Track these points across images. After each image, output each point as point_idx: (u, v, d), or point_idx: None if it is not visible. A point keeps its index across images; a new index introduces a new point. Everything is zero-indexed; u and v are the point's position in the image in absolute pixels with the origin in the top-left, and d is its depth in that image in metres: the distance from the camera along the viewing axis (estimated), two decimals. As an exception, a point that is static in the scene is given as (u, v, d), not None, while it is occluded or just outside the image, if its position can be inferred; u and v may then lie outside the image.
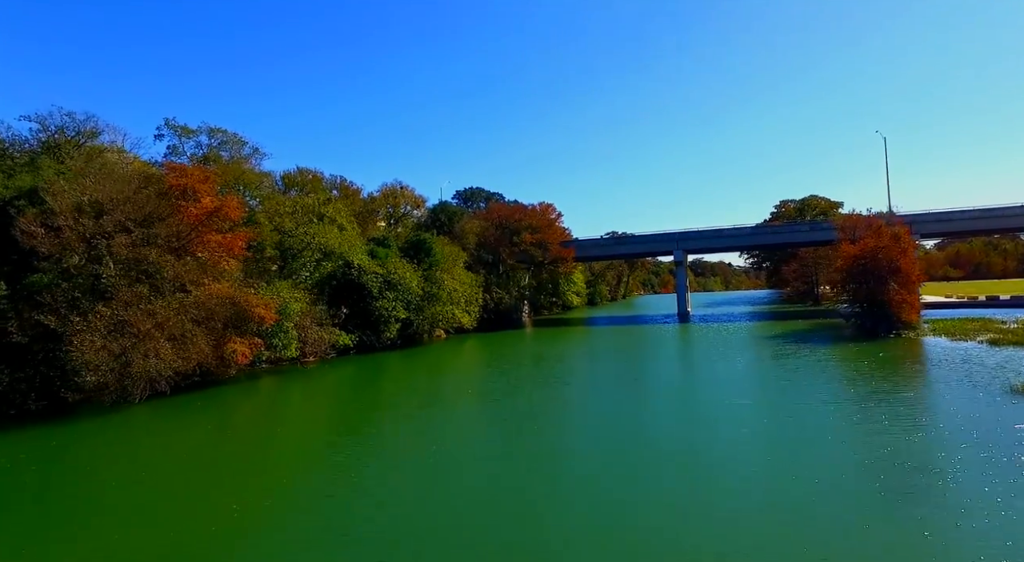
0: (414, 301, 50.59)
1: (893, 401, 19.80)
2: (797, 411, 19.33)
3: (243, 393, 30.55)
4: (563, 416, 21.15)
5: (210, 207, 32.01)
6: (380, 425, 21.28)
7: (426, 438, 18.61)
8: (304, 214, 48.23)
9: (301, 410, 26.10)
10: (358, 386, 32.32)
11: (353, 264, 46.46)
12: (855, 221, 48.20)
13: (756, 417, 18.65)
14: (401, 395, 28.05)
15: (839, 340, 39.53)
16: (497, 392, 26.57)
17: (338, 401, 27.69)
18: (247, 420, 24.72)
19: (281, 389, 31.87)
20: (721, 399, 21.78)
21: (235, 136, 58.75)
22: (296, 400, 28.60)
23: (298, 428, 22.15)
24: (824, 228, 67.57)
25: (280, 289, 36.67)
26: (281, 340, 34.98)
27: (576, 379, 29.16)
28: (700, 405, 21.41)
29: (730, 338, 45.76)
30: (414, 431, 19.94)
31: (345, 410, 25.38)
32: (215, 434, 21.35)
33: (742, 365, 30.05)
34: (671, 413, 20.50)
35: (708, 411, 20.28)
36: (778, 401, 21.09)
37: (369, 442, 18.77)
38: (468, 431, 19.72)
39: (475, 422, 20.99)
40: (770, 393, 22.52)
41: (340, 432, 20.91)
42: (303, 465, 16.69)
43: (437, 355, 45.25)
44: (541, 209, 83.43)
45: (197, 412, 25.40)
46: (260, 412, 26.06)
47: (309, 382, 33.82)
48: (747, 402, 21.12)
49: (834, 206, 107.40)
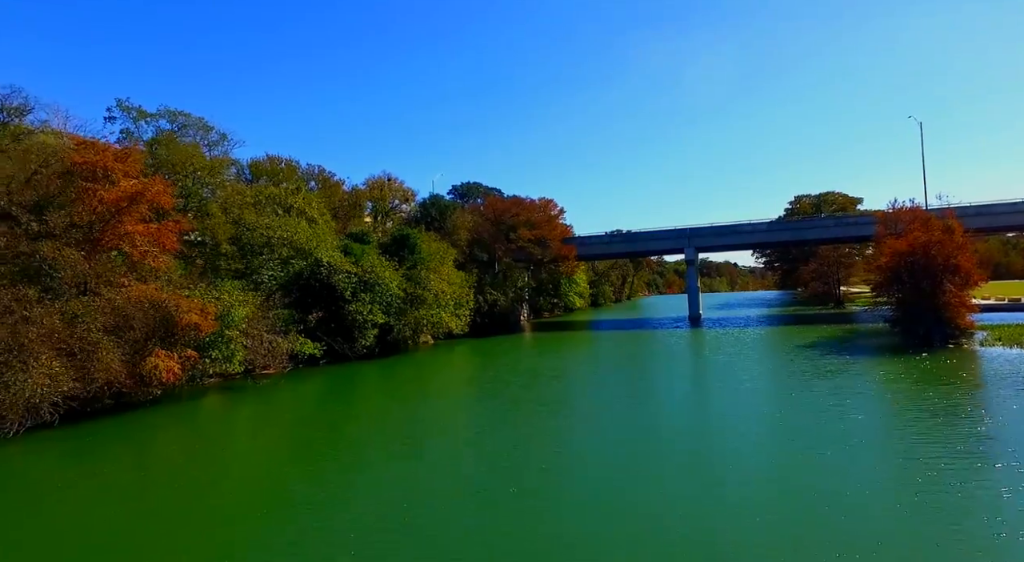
0: (394, 304, 44.69)
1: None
2: (898, 487, 13.29)
3: (167, 419, 24.67)
4: (556, 472, 15.17)
5: (129, 191, 26.15)
6: (318, 478, 15.32)
7: (387, 493, 12.92)
8: (268, 205, 42.46)
9: (225, 448, 20.18)
10: (309, 413, 26.38)
11: (322, 262, 40.57)
12: (899, 214, 42.03)
13: (832, 496, 12.47)
14: (361, 424, 22.12)
15: (889, 351, 33.42)
16: (478, 424, 20.67)
17: (276, 436, 21.72)
18: (156, 458, 18.80)
19: (217, 414, 26.00)
20: (770, 456, 15.72)
21: (200, 120, 53.13)
22: (223, 432, 22.68)
23: (211, 476, 16.24)
24: (851, 223, 61.47)
25: (223, 291, 30.77)
26: (221, 352, 29.10)
27: (576, 406, 23.17)
28: (743, 468, 15.32)
29: (754, 348, 39.71)
30: (370, 482, 14.26)
31: (276, 452, 19.44)
32: (93, 483, 15.45)
33: (783, 390, 23.92)
34: (703, 483, 14.32)
35: (757, 484, 14.25)
36: (858, 460, 14.99)
37: (300, 504, 12.85)
38: (432, 489, 13.78)
39: (443, 475, 15.02)
40: (837, 444, 16.31)
41: (265, 489, 15.01)
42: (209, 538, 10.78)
43: (418, 367, 39.31)
44: (541, 204, 77.45)
45: (87, 450, 19.49)
46: (176, 448, 20.17)
47: (256, 403, 27.96)
48: (809, 458, 15.11)
49: (853, 202, 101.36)
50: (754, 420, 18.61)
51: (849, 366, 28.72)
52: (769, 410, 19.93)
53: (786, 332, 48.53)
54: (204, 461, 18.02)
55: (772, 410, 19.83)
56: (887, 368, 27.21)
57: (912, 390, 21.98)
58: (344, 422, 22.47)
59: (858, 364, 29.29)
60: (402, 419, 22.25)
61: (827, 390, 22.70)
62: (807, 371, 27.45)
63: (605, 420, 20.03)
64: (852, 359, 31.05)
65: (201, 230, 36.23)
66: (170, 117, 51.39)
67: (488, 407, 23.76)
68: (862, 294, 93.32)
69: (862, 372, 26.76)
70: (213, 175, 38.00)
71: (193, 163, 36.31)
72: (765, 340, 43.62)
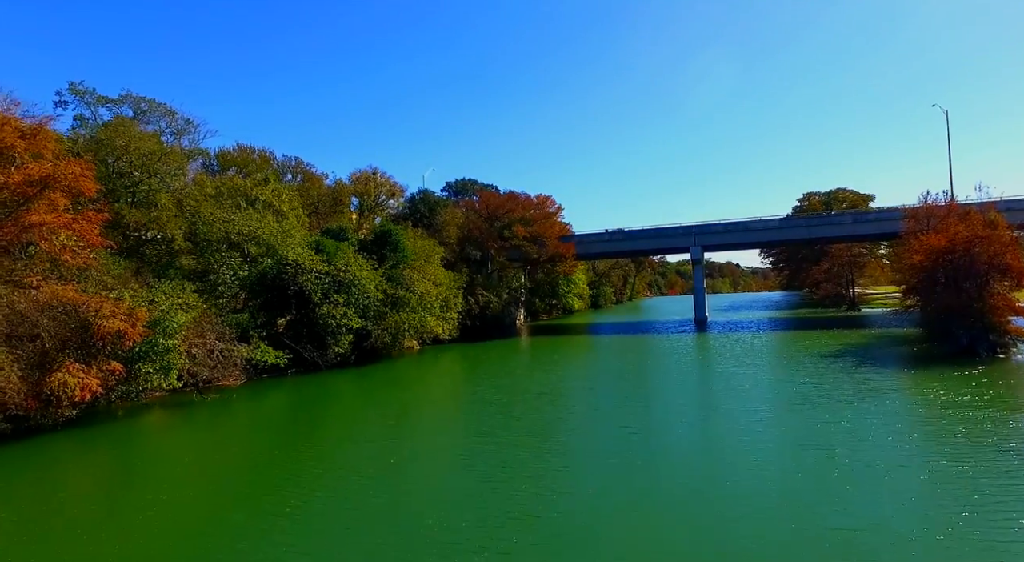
0: (372, 306, 40.46)
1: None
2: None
3: (81, 445, 20.48)
4: (533, 525, 10.87)
5: (37, 175, 21.90)
6: (245, 530, 11.05)
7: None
8: (231, 198, 38.24)
9: (133, 487, 15.87)
10: (252, 439, 22.09)
11: (288, 260, 36.31)
12: (931, 209, 37.68)
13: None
14: (301, 457, 17.83)
15: (932, 362, 29.10)
16: (448, 460, 16.38)
17: (204, 470, 17.39)
18: (47, 498, 14.50)
19: (146, 438, 21.73)
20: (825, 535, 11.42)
21: (164, 106, 49.16)
22: (141, 464, 18.37)
23: (110, 530, 11.96)
24: (871, 219, 57.12)
25: (159, 292, 26.49)
26: (153, 365, 24.83)
27: (564, 438, 18.85)
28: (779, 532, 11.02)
29: (772, 357, 35.37)
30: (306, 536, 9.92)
31: (201, 492, 15.12)
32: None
33: (825, 418, 19.46)
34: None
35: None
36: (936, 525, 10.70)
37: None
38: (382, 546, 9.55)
39: (395, 528, 10.75)
40: (925, 509, 11.99)
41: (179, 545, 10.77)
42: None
43: (394, 379, 34.98)
44: (538, 200, 73.20)
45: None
46: (80, 485, 15.90)
47: (198, 424, 23.77)
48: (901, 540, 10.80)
49: (865, 199, 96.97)
50: (796, 471, 14.22)
51: (895, 382, 24.33)
52: (814, 453, 15.46)
53: (802, 338, 44.17)
54: (111, 503, 13.85)
55: (817, 453, 15.38)
56: (942, 386, 22.79)
57: (993, 420, 17.58)
58: (284, 452, 18.21)
59: (904, 379, 24.90)
60: (355, 454, 17.97)
61: (880, 418, 18.34)
62: (846, 389, 23.05)
63: (597, 459, 15.76)
64: (894, 373, 26.71)
65: (148, 224, 32.02)
66: (132, 103, 47.41)
67: (461, 437, 19.47)
68: (876, 296, 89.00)
69: (914, 391, 22.32)
70: (165, 162, 33.66)
71: (140, 148, 31.98)
72: (782, 348, 39.26)
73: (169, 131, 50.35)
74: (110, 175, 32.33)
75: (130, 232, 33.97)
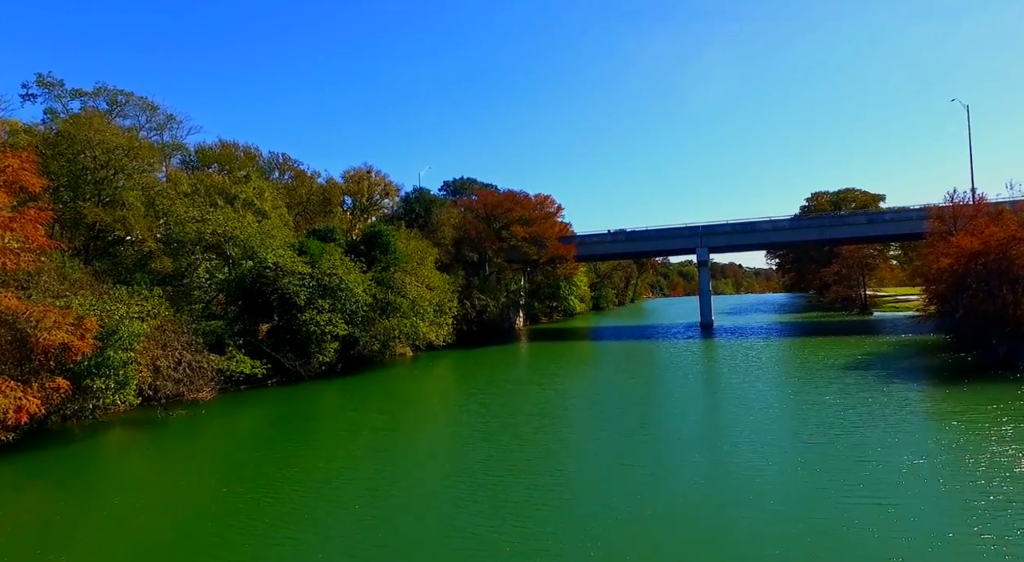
0: (360, 312, 37.94)
1: None
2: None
3: (13, 477, 17.93)
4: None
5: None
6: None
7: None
8: (209, 196, 35.75)
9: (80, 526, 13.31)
10: (208, 465, 19.54)
11: (268, 263, 33.79)
12: (959, 208, 35.05)
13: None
14: (256, 495, 15.27)
15: (967, 376, 26.41)
16: (427, 498, 13.81)
17: (147, 507, 14.83)
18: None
19: (90, 465, 19.17)
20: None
21: (143, 100, 46.65)
22: (90, 494, 15.80)
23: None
24: (888, 220, 54.44)
25: (113, 300, 23.95)
26: (107, 380, 22.30)
27: (563, 487, 16.29)
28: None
29: (788, 369, 32.74)
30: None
31: (141, 532, 12.56)
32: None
33: (859, 450, 16.72)
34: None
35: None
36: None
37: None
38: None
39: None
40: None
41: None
42: None
43: (380, 392, 32.38)
44: (537, 200, 70.72)
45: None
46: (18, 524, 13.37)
47: (156, 445, 21.30)
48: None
49: (875, 199, 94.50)
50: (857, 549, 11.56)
51: (938, 404, 21.54)
52: (870, 518, 12.81)
53: (817, 346, 41.48)
54: (44, 539, 11.32)
55: (873, 517, 12.72)
56: (998, 409, 20.09)
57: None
58: (238, 485, 15.65)
59: (947, 399, 21.99)
60: (304, 498, 15.41)
61: (943, 456, 15.73)
62: (885, 413, 20.34)
63: (590, 500, 13.20)
64: (932, 390, 24.01)
65: (112, 224, 29.52)
66: (107, 96, 44.91)
67: (435, 475, 16.87)
68: (887, 298, 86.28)
69: (966, 416, 19.33)
70: (134, 158, 31.15)
71: (105, 142, 29.46)
72: (797, 357, 36.59)
73: (149, 126, 47.88)
74: (74, 171, 29.86)
75: (95, 233, 31.54)
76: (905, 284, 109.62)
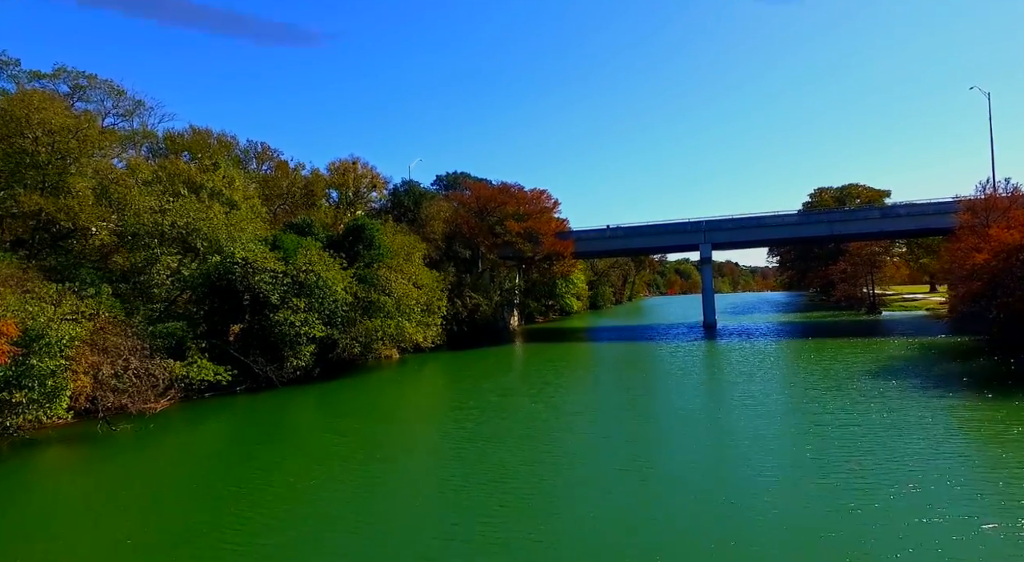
0: (340, 312, 34.79)
1: None
2: None
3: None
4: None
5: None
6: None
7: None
8: (171, 184, 32.51)
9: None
10: (144, 491, 16.37)
11: (235, 258, 30.59)
12: (994, 200, 32.17)
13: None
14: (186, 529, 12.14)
15: (1019, 383, 23.54)
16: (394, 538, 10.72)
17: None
18: None
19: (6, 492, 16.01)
20: None
21: (108, 83, 43.35)
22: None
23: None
24: (901, 214, 51.57)
25: (35, 301, 20.70)
26: (31, 393, 19.10)
27: (549, 543, 13.18)
28: None
29: (809, 376, 29.71)
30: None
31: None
32: None
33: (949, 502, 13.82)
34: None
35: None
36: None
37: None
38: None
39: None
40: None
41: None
42: None
43: (351, 404, 28.90)
44: (533, 195, 67.53)
45: None
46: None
47: (84, 469, 18.14)
48: None
49: (880, 194, 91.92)
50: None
51: (1001, 422, 18.62)
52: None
53: (835, 348, 38.49)
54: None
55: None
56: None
57: None
58: (173, 515, 12.52)
59: (1011, 416, 19.18)
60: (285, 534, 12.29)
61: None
62: (945, 436, 17.43)
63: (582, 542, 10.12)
64: (985, 403, 21.02)
65: (54, 213, 26.27)
66: (68, 78, 41.62)
67: (416, 497, 13.80)
68: (894, 297, 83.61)
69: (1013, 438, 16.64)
70: (81, 140, 27.88)
71: (45, 122, 26.17)
72: (815, 362, 33.53)
73: (115, 112, 44.62)
74: (10, 154, 26.59)
75: (40, 224, 28.28)
76: (906, 282, 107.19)
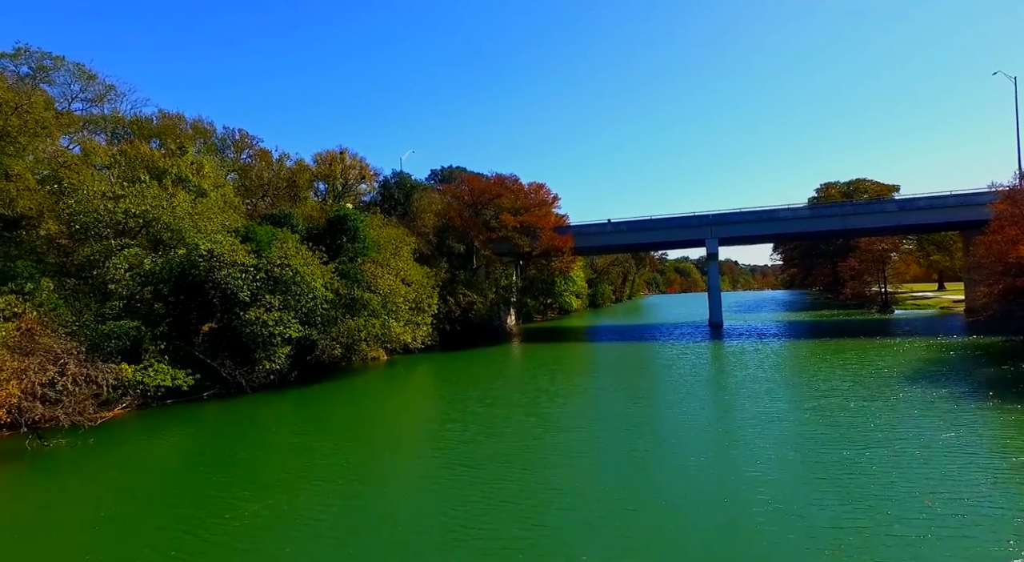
0: (319, 310, 31.90)
1: None
2: None
3: None
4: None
5: None
6: None
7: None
8: (131, 169, 29.53)
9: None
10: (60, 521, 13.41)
11: (201, 250, 27.65)
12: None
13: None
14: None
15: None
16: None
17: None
18: None
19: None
20: None
21: (78, 66, 40.38)
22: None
23: None
24: (922, 207, 48.73)
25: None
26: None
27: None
28: None
29: (839, 384, 26.81)
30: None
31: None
32: None
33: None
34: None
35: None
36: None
37: None
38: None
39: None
40: None
41: None
42: None
43: (323, 415, 25.86)
44: (531, 188, 64.66)
45: None
46: None
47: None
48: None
49: (889, 189, 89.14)
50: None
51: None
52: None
53: (856, 350, 35.62)
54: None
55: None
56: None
57: None
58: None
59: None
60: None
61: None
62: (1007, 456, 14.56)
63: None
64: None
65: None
66: (31, 59, 38.61)
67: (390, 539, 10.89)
68: (906, 295, 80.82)
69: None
70: (21, 117, 24.88)
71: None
72: (842, 365, 30.62)
73: (83, 96, 41.64)
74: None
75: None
76: (913, 281, 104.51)
